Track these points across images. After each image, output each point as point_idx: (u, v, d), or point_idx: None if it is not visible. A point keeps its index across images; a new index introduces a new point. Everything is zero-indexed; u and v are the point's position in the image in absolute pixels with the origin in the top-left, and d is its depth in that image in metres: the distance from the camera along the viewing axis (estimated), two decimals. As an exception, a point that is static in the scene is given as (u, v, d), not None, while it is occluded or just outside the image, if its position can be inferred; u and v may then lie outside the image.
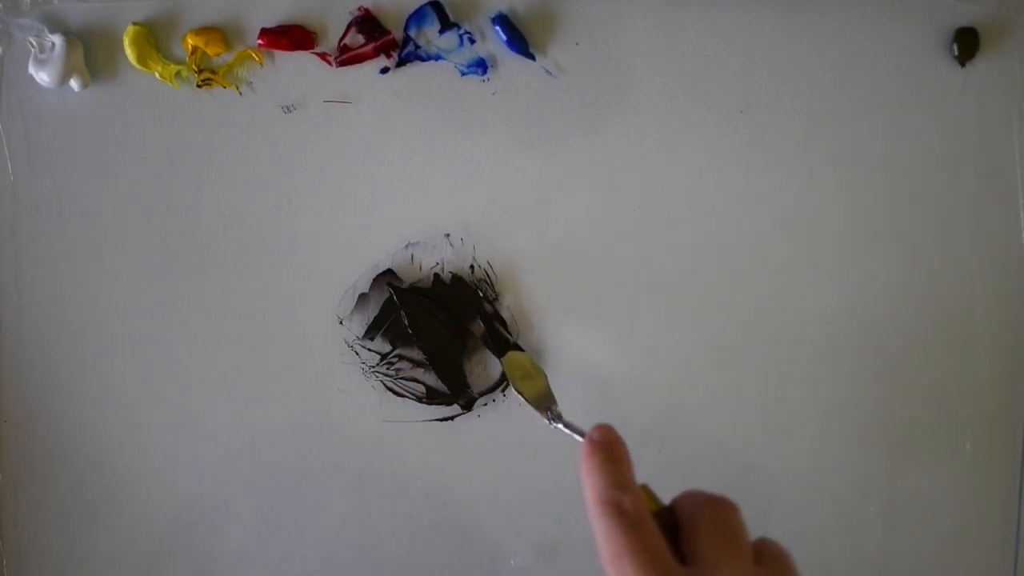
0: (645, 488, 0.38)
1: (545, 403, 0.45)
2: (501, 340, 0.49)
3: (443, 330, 0.49)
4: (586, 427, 0.50)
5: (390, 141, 0.49)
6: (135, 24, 0.47)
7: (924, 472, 0.52)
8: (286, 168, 0.49)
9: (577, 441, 0.41)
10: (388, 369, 0.50)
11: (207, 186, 0.49)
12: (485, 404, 0.50)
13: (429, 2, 0.48)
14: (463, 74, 0.49)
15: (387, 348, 0.50)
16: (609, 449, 0.38)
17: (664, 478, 0.48)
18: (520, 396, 0.46)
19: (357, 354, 0.50)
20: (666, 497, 0.37)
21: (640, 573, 0.32)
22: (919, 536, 0.52)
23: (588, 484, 0.36)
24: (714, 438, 0.51)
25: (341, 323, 0.50)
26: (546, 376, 0.47)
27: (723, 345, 0.51)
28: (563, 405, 0.49)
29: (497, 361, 0.49)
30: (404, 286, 0.49)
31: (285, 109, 0.49)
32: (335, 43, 0.48)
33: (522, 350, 0.48)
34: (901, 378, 0.51)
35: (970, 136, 0.50)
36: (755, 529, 0.37)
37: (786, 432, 0.51)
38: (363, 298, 0.50)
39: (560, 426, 0.44)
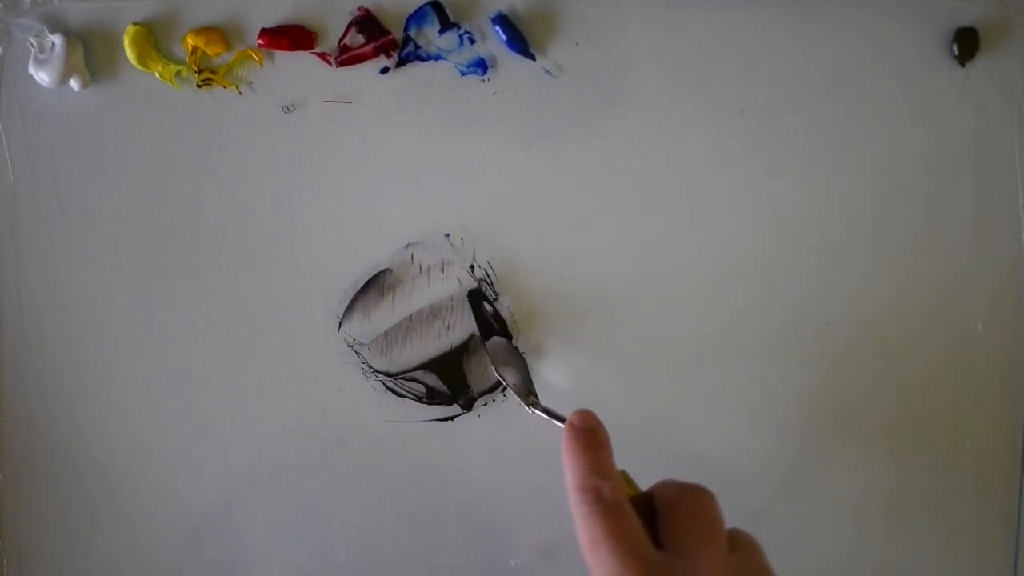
0: (624, 474, 0.38)
1: (526, 389, 0.46)
2: (487, 325, 0.49)
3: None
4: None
5: (390, 141, 0.49)
6: (135, 24, 0.47)
7: (924, 472, 0.52)
8: (286, 168, 0.49)
9: (558, 428, 0.41)
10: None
11: (207, 186, 0.49)
12: (485, 404, 0.50)
13: (429, 2, 0.48)
14: (463, 74, 0.49)
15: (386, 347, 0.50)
16: (589, 435, 0.38)
17: (661, 476, 0.48)
18: (503, 381, 0.47)
19: (357, 354, 0.50)
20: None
21: (617, 559, 0.33)
22: (919, 536, 0.52)
23: (568, 470, 0.37)
24: (713, 438, 0.51)
25: (341, 323, 0.50)
26: (527, 363, 0.48)
27: (722, 345, 0.51)
28: (563, 405, 0.49)
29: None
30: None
31: (285, 109, 0.49)
32: (335, 43, 0.48)
33: (508, 336, 0.48)
34: (901, 378, 0.51)
35: (970, 136, 0.50)
36: (756, 529, 0.37)
37: (785, 432, 0.51)
38: (364, 298, 0.50)
39: (540, 412, 0.44)
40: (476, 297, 0.49)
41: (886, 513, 0.52)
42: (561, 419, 0.42)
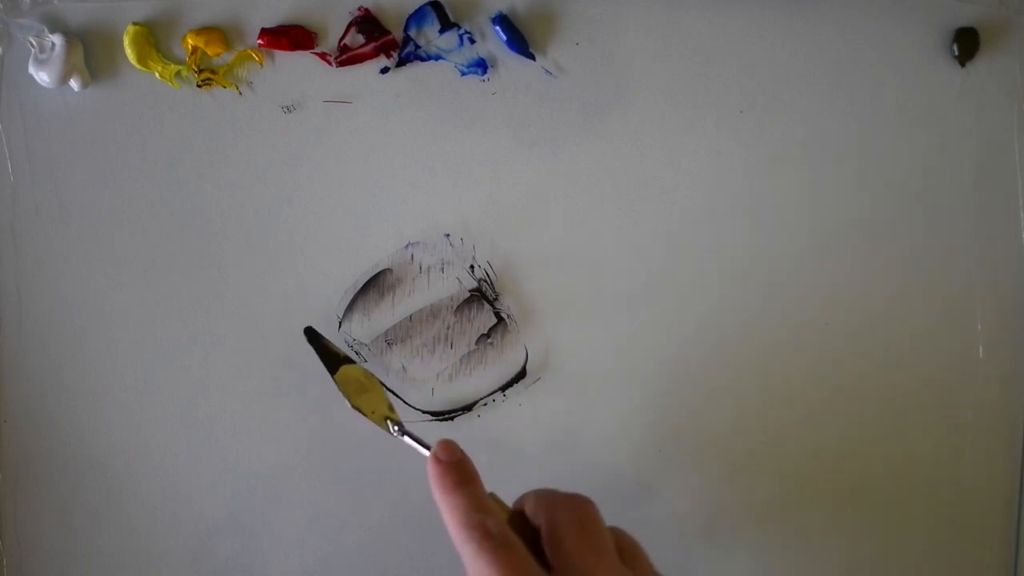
0: (494, 496, 0.37)
1: (384, 415, 0.43)
2: (331, 356, 0.45)
3: None
4: (585, 428, 0.51)
5: (390, 141, 0.49)
6: (135, 24, 0.47)
7: (924, 472, 0.52)
8: (286, 168, 0.49)
9: (422, 455, 0.40)
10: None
11: (207, 186, 0.49)
12: (485, 404, 0.50)
13: (429, 2, 0.48)
14: (463, 74, 0.49)
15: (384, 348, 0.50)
16: (459, 469, 0.37)
17: (664, 478, 0.48)
18: (358, 412, 0.43)
19: (357, 354, 0.50)
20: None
21: None
22: (919, 536, 0.52)
23: (446, 508, 0.36)
24: (713, 438, 0.51)
25: (341, 323, 0.50)
26: (382, 386, 0.45)
27: (723, 345, 0.51)
28: (563, 405, 0.49)
29: (493, 364, 0.49)
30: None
31: (285, 109, 0.49)
32: (335, 43, 0.48)
33: (353, 363, 0.45)
34: (901, 378, 0.51)
35: (970, 136, 0.50)
36: (756, 529, 0.37)
37: (785, 431, 0.51)
38: (364, 298, 0.50)
39: (405, 438, 0.42)
40: (312, 335, 0.46)
41: (886, 513, 0.52)
42: (427, 446, 0.40)
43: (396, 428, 0.43)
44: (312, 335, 0.46)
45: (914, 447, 0.52)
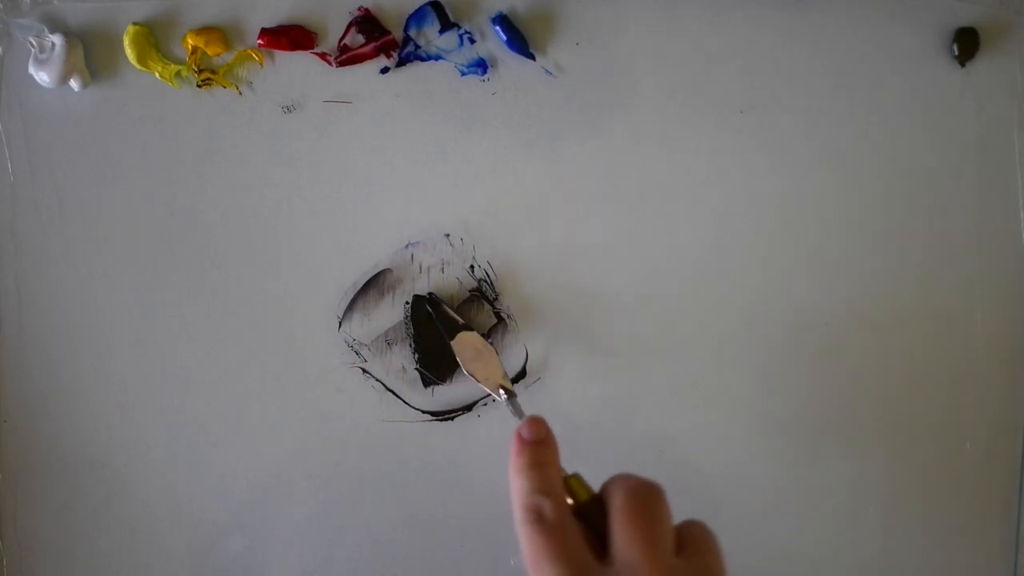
0: (576, 478, 0.38)
1: (498, 383, 0.45)
2: (450, 322, 0.48)
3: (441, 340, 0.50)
4: (585, 427, 0.51)
5: (390, 141, 0.49)
6: (135, 24, 0.47)
7: (924, 472, 0.52)
8: (286, 168, 0.49)
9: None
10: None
11: (207, 186, 0.49)
12: (485, 404, 0.50)
13: (429, 2, 0.48)
14: (463, 74, 0.49)
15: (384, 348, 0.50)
16: (536, 450, 0.38)
17: (664, 478, 0.48)
18: (472, 377, 0.46)
19: (357, 354, 0.50)
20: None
21: None
22: (919, 536, 0.52)
23: (512, 487, 0.37)
24: (714, 438, 0.51)
25: (341, 323, 0.50)
26: (497, 354, 0.47)
27: (723, 345, 0.51)
28: (562, 406, 0.49)
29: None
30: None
31: (285, 109, 0.49)
32: (335, 43, 0.48)
33: (471, 330, 0.48)
34: (901, 378, 0.51)
35: (970, 136, 0.50)
36: (756, 528, 0.37)
37: (785, 431, 0.51)
38: (364, 298, 0.50)
39: (509, 406, 0.44)
40: (423, 304, 0.49)
41: (886, 512, 0.52)
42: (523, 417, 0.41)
43: (505, 396, 0.44)
44: (432, 301, 0.48)
45: (914, 447, 0.52)
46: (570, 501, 0.36)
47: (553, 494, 0.36)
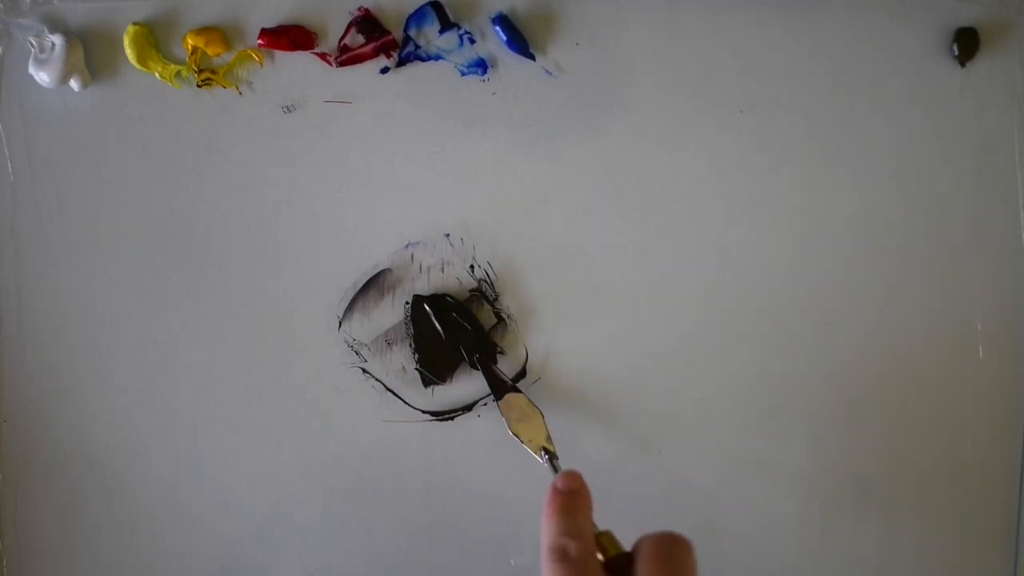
0: (608, 535, 0.38)
1: (541, 444, 0.46)
2: (498, 382, 0.49)
3: (442, 344, 0.50)
4: (585, 427, 0.51)
5: (390, 141, 0.49)
6: (135, 24, 0.47)
7: (924, 472, 0.52)
8: (286, 168, 0.49)
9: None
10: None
11: (207, 186, 0.49)
12: (485, 404, 0.50)
13: (429, 2, 0.48)
14: (463, 74, 0.49)
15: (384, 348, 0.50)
16: (569, 499, 0.38)
17: (664, 478, 0.48)
18: (517, 438, 0.46)
19: (357, 354, 0.50)
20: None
21: None
22: (919, 536, 0.52)
23: (542, 531, 0.38)
24: (713, 438, 0.51)
25: (341, 323, 0.50)
26: (542, 415, 0.47)
27: (723, 345, 0.51)
28: (563, 406, 0.49)
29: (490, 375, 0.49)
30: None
31: (285, 109, 0.49)
32: (335, 43, 0.48)
33: (519, 391, 0.48)
34: (901, 378, 0.51)
35: (970, 136, 0.50)
36: (755, 527, 0.37)
37: (785, 432, 0.51)
38: (364, 298, 0.50)
39: (550, 467, 0.44)
40: (422, 304, 0.49)
41: (886, 513, 0.52)
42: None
43: (546, 457, 0.45)
44: (482, 361, 0.49)
45: (914, 447, 0.52)
46: (600, 557, 0.37)
47: (579, 537, 0.36)
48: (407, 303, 0.50)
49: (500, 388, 0.49)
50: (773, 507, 0.52)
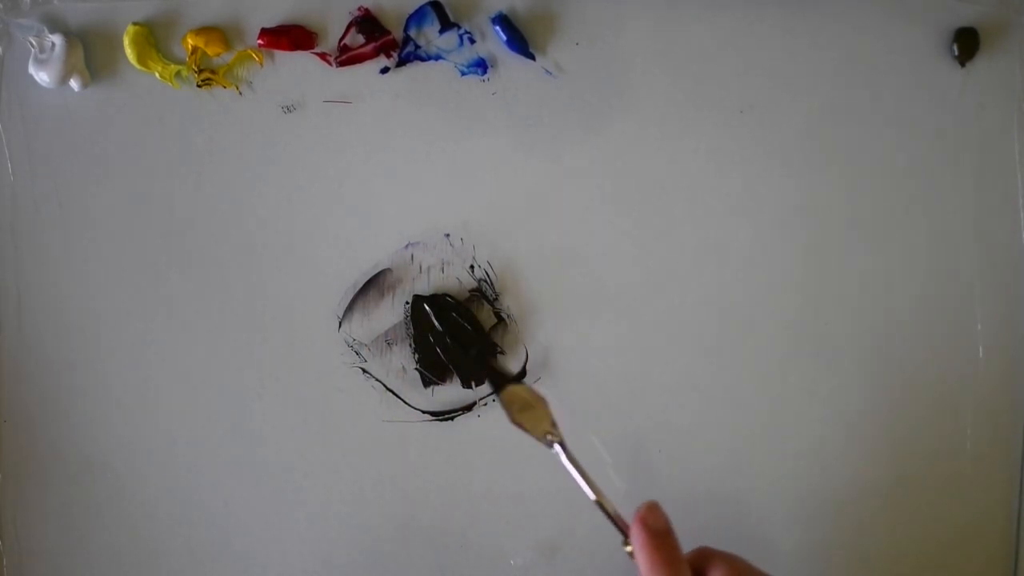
0: None
1: (545, 431, 0.45)
2: (497, 376, 0.48)
3: (443, 347, 0.50)
4: (585, 427, 0.51)
5: (390, 141, 0.49)
6: (135, 24, 0.47)
7: (924, 472, 0.52)
8: (286, 168, 0.49)
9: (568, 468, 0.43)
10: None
11: (207, 186, 0.49)
12: (485, 404, 0.50)
13: (429, 2, 0.48)
14: (463, 74, 0.49)
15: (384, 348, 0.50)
16: (670, 545, 0.39)
17: (664, 478, 0.48)
18: (520, 428, 0.45)
19: (357, 354, 0.50)
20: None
21: None
22: (919, 536, 0.52)
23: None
24: (714, 437, 0.51)
25: (341, 323, 0.50)
26: (546, 401, 0.46)
27: (723, 345, 0.51)
28: (562, 406, 0.49)
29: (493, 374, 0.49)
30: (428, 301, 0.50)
31: (285, 109, 0.49)
32: (335, 43, 0.48)
33: (520, 381, 0.48)
34: (901, 378, 0.51)
35: (970, 136, 0.50)
36: (755, 528, 0.37)
37: (785, 432, 0.51)
38: (364, 298, 0.50)
39: (560, 454, 0.44)
40: (422, 304, 0.49)
41: (886, 512, 0.52)
42: (575, 462, 0.43)
43: (552, 442, 0.45)
44: (481, 358, 0.49)
45: (914, 447, 0.52)
46: None
47: None
48: (407, 303, 0.50)
49: (499, 382, 0.47)
50: (773, 507, 0.52)
